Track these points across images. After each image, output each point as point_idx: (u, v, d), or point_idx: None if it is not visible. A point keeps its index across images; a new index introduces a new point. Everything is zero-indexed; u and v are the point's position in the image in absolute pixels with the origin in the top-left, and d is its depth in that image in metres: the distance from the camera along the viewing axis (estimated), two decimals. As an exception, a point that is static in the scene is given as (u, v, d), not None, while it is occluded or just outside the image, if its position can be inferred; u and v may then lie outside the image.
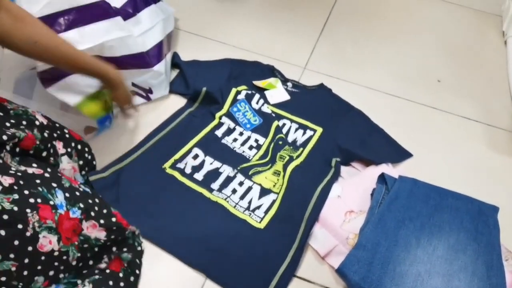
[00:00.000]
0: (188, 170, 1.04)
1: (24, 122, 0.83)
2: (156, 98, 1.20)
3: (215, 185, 1.02)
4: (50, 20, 0.96)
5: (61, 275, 0.76)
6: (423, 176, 1.06)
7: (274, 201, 1.00)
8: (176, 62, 1.29)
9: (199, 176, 1.04)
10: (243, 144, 1.11)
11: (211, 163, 1.06)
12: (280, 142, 1.10)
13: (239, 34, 1.46)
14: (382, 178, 1.04)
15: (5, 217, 0.69)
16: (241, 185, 1.02)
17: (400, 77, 1.39)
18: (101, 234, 0.82)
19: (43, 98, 1.00)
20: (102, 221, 0.82)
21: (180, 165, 1.05)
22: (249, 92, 1.21)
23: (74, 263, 0.78)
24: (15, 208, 0.70)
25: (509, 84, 1.40)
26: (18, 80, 1.01)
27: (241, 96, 1.19)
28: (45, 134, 0.85)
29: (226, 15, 1.52)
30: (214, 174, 1.04)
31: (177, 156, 1.07)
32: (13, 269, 0.69)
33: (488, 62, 1.48)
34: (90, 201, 0.82)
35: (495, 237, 0.96)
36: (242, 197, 1.01)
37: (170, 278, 0.90)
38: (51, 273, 0.75)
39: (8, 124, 0.80)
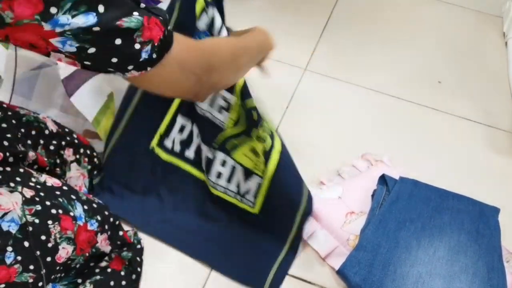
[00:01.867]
0: (177, 148, 0.97)
1: (33, 132, 0.83)
2: (157, 99, 1.20)
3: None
4: None
5: (59, 276, 0.77)
6: (424, 177, 1.06)
7: (260, 185, 0.94)
8: None
9: (190, 153, 0.97)
10: (211, 104, 0.95)
11: (197, 135, 0.97)
12: (255, 116, 0.93)
13: (240, 35, 1.45)
14: (383, 179, 1.04)
15: (30, 228, 0.69)
16: (224, 165, 0.96)
17: (400, 78, 1.39)
18: (107, 248, 0.83)
19: (43, 99, 1.00)
20: (111, 234, 0.83)
21: (168, 143, 0.97)
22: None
23: (77, 266, 0.79)
24: (36, 221, 0.70)
25: (510, 85, 1.40)
26: (18, 81, 1.01)
27: (202, 24, 0.90)
28: (51, 147, 0.86)
29: (227, 16, 1.52)
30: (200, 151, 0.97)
31: (161, 129, 0.97)
32: (31, 280, 0.69)
33: (488, 63, 1.48)
34: (106, 212, 0.83)
35: (496, 239, 0.96)
36: (229, 180, 0.96)
37: (172, 276, 0.90)
38: (53, 277, 0.75)
39: (19, 135, 0.80)
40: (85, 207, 0.79)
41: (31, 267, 0.69)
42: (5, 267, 0.66)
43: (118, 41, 0.50)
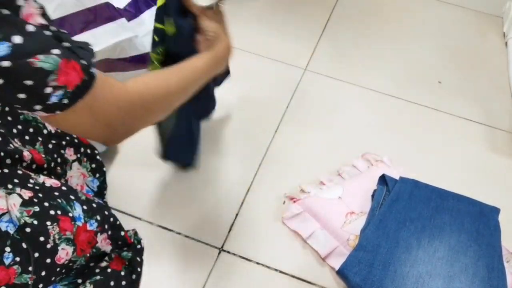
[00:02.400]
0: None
1: (31, 130, 0.83)
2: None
3: None
4: (63, 22, 0.97)
5: (59, 277, 0.77)
6: (424, 177, 1.06)
7: None
8: None
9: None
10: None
11: None
12: (156, 39, 0.87)
13: (240, 35, 1.45)
14: (383, 179, 1.04)
15: (28, 230, 0.69)
16: None
17: (400, 78, 1.39)
18: (108, 248, 0.83)
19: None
20: (112, 234, 0.83)
21: None
22: None
23: (78, 267, 0.79)
24: (35, 222, 0.70)
25: (510, 85, 1.40)
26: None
27: None
28: (50, 145, 0.85)
29: (227, 16, 1.52)
30: None
31: None
32: (30, 282, 0.69)
33: (488, 63, 1.48)
34: (106, 212, 0.83)
35: (496, 239, 0.96)
36: None
37: (172, 277, 0.90)
38: (54, 278, 0.75)
39: (15, 131, 0.80)
40: (84, 207, 0.79)
41: (30, 268, 0.68)
42: (4, 267, 0.66)
43: (28, 82, 0.46)
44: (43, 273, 0.70)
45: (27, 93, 0.47)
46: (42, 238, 0.70)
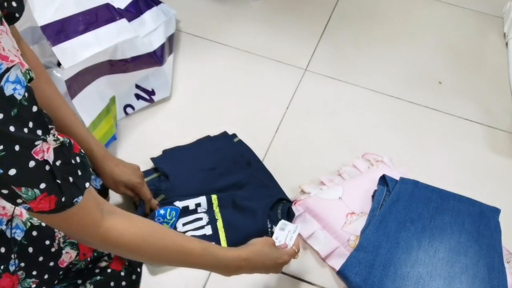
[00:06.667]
0: None
1: None
2: (158, 100, 1.21)
3: None
4: (64, 24, 0.97)
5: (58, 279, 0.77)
6: (424, 178, 1.06)
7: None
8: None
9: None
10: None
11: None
12: None
13: (241, 36, 1.46)
14: (383, 179, 1.04)
15: (34, 233, 0.69)
16: None
17: (401, 78, 1.39)
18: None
19: (44, 99, 1.01)
20: None
21: None
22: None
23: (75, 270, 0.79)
24: (43, 224, 0.70)
25: (510, 85, 1.40)
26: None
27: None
28: None
29: (228, 17, 1.52)
30: None
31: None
32: (33, 286, 0.69)
33: (489, 63, 1.48)
34: None
35: (496, 239, 0.96)
36: None
37: (172, 277, 0.90)
38: (56, 281, 0.75)
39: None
40: None
41: (34, 272, 0.69)
42: (9, 274, 0.66)
43: (4, 191, 0.48)
44: (46, 276, 0.70)
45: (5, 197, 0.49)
46: (47, 242, 0.71)
